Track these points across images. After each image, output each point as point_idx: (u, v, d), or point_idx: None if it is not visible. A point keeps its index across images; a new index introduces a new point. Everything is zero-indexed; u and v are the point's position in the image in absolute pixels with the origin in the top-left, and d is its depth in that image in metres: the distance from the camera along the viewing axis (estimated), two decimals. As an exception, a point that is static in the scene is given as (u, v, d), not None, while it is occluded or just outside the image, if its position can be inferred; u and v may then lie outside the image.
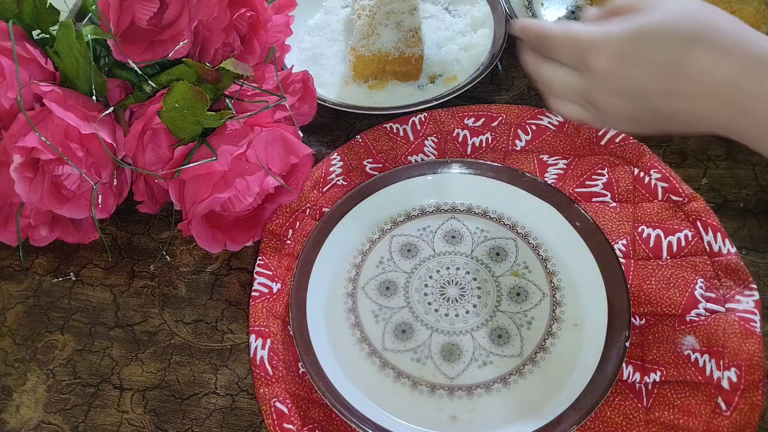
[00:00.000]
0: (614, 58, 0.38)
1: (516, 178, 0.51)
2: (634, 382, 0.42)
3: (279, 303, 0.47)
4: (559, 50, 0.41)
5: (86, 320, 0.49)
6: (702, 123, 0.38)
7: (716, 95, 0.36)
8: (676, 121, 0.39)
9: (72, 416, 0.45)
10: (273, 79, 0.51)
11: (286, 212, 0.51)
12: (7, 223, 0.49)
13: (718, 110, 0.37)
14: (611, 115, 0.41)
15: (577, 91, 0.41)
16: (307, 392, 0.43)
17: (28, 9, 0.47)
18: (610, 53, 0.38)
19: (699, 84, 0.36)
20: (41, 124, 0.44)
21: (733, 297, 0.44)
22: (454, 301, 0.47)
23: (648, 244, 0.47)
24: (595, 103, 0.41)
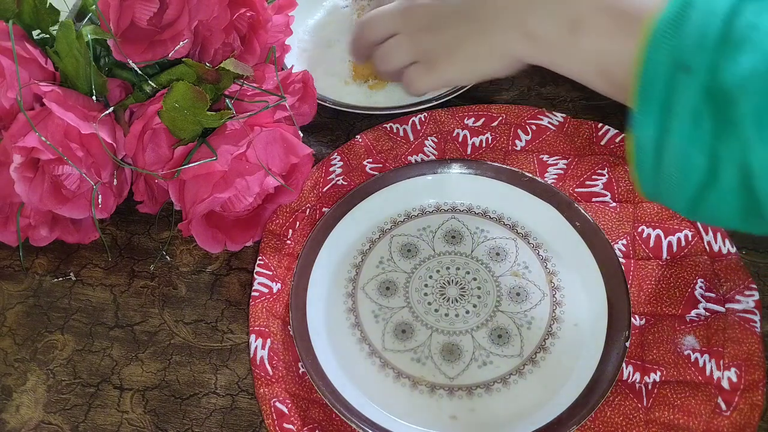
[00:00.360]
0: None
1: (516, 178, 0.51)
2: (634, 382, 0.42)
3: (279, 303, 0.47)
4: (379, 24, 0.50)
5: (86, 320, 0.49)
6: (500, 24, 0.43)
7: None
8: (478, 22, 0.44)
9: (72, 416, 0.45)
10: (273, 79, 0.51)
11: (286, 212, 0.51)
12: (7, 223, 0.49)
13: (511, 3, 0.42)
14: (430, 44, 0.47)
15: (403, 45, 0.49)
16: (307, 392, 0.43)
17: (28, 9, 0.47)
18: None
19: None
20: (41, 124, 0.44)
21: (733, 297, 0.44)
22: (454, 301, 0.47)
23: (648, 244, 0.47)
24: (417, 41, 0.48)
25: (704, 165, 0.34)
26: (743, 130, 0.32)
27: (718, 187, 0.34)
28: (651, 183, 0.37)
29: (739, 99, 0.32)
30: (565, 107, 0.57)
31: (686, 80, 0.33)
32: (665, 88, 0.34)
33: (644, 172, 0.37)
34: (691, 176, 0.34)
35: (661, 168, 0.35)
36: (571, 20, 0.39)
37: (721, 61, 0.32)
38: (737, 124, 0.32)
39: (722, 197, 0.34)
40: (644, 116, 0.35)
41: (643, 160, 0.36)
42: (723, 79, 0.32)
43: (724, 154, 0.33)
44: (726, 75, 0.32)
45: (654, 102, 0.34)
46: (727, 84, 0.32)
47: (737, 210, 0.35)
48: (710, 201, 0.35)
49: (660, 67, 0.34)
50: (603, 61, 0.39)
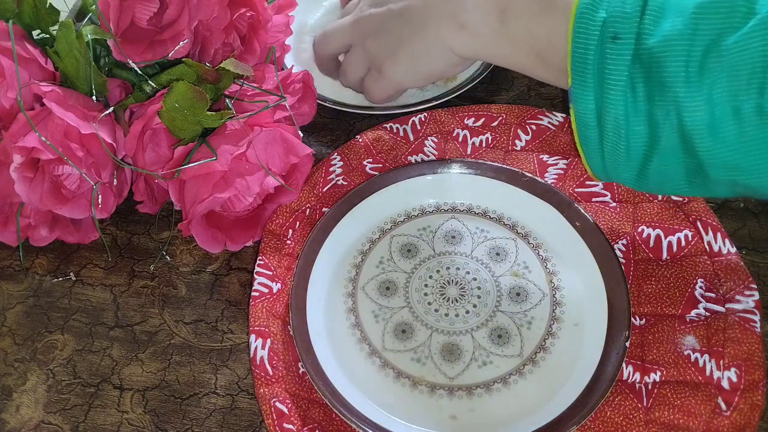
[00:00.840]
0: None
1: (516, 178, 0.51)
2: (634, 382, 0.42)
3: (279, 303, 0.47)
4: (333, 38, 0.53)
5: (86, 320, 0.49)
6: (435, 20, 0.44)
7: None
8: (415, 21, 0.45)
9: (72, 416, 0.45)
10: (273, 79, 0.51)
11: (286, 212, 0.51)
12: (7, 223, 0.49)
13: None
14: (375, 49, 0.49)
15: (356, 55, 0.51)
16: (307, 392, 0.43)
17: (28, 9, 0.47)
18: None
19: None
20: (41, 124, 0.44)
21: (733, 297, 0.44)
22: (454, 301, 0.47)
23: (648, 244, 0.47)
24: (367, 49, 0.49)
25: (645, 131, 0.34)
26: (674, 91, 0.33)
27: (660, 152, 0.35)
28: (598, 159, 0.37)
29: (665, 61, 0.33)
30: (565, 107, 0.57)
31: (615, 49, 0.34)
32: (597, 59, 0.35)
33: (590, 148, 0.37)
34: (634, 144, 0.35)
35: (604, 141, 0.36)
36: (499, 7, 0.40)
37: (645, 26, 0.33)
38: (668, 85, 0.33)
39: (666, 162, 0.35)
40: (581, 90, 0.35)
41: (587, 136, 0.37)
42: (649, 44, 0.33)
43: (661, 117, 0.34)
44: (651, 39, 0.33)
45: (588, 74, 0.35)
46: (654, 48, 0.33)
47: (682, 174, 0.35)
48: (655, 168, 0.36)
49: (590, 39, 0.35)
50: (534, 44, 0.39)
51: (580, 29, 0.35)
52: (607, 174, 0.39)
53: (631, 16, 0.34)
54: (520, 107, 0.55)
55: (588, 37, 0.35)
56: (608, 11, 0.34)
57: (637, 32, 0.34)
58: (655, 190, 0.40)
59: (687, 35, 0.32)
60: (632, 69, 0.34)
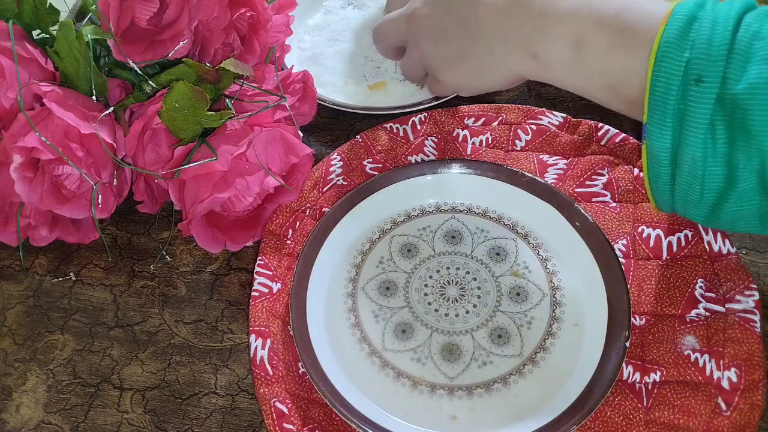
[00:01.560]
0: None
1: (516, 178, 0.51)
2: (634, 382, 0.42)
3: (279, 303, 0.47)
4: (388, 34, 0.52)
5: (86, 320, 0.49)
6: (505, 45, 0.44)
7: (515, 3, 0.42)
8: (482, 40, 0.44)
9: (72, 416, 0.45)
10: (273, 79, 0.51)
11: (286, 212, 0.51)
12: (7, 223, 0.49)
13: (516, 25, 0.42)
14: (432, 57, 0.48)
15: (412, 58, 0.50)
16: (307, 392, 0.43)
17: (28, 9, 0.47)
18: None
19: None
20: (41, 124, 0.44)
21: (733, 297, 0.44)
22: (454, 301, 0.47)
23: (648, 244, 0.47)
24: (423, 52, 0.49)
25: (722, 173, 0.34)
26: (759, 137, 0.33)
27: (736, 193, 0.35)
28: (667, 195, 0.38)
29: (751, 108, 0.32)
30: (565, 107, 0.57)
31: (699, 91, 0.34)
32: (679, 99, 0.34)
33: (660, 184, 0.37)
34: (710, 185, 0.35)
35: (677, 179, 0.36)
36: (574, 40, 0.40)
37: (731, 71, 0.33)
38: (752, 131, 0.33)
39: (741, 203, 0.35)
40: (659, 128, 0.35)
41: (659, 172, 0.37)
42: (734, 90, 0.33)
43: (741, 161, 0.34)
44: (736, 85, 0.33)
45: (668, 114, 0.35)
46: (739, 94, 0.33)
47: (756, 214, 0.35)
48: (729, 208, 0.36)
49: (672, 78, 0.34)
50: (608, 78, 0.39)
51: (662, 66, 0.35)
52: (673, 209, 0.39)
53: (717, 59, 0.33)
54: (520, 107, 0.55)
55: (670, 77, 0.34)
56: (692, 52, 0.34)
57: (722, 76, 0.33)
58: (726, 228, 0.40)
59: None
60: (714, 112, 0.34)
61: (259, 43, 0.52)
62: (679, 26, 0.35)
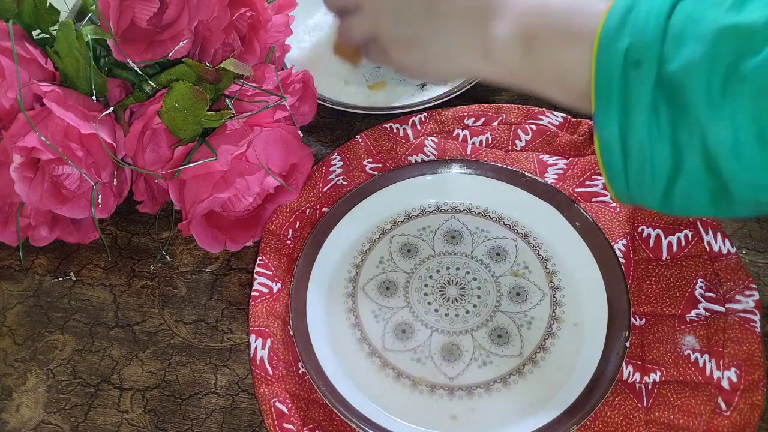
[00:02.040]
0: None
1: (516, 178, 0.51)
2: (634, 382, 0.42)
3: (279, 303, 0.47)
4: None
5: (86, 320, 0.49)
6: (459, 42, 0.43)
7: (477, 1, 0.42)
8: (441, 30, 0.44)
9: (72, 416, 0.45)
10: (273, 79, 0.51)
11: (286, 212, 0.51)
12: (7, 223, 0.49)
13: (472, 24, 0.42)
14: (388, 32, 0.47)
15: (363, 24, 0.48)
16: (307, 392, 0.43)
17: (28, 9, 0.47)
18: None
19: None
20: (41, 124, 0.44)
21: (733, 297, 0.44)
22: (454, 301, 0.47)
23: (648, 244, 0.47)
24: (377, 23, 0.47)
25: (669, 155, 0.35)
26: (697, 114, 0.33)
27: (685, 174, 0.35)
28: (622, 183, 0.38)
29: (687, 85, 0.33)
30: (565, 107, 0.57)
31: (638, 75, 0.34)
32: (621, 85, 0.35)
33: (614, 173, 0.38)
34: (659, 168, 0.35)
35: (629, 165, 0.37)
36: (526, 38, 0.40)
37: (666, 52, 0.34)
38: (690, 109, 0.33)
39: (691, 184, 0.35)
40: (605, 115, 0.36)
41: (611, 161, 0.37)
42: (671, 69, 0.33)
43: (684, 140, 0.34)
44: (673, 64, 0.33)
45: (612, 100, 0.35)
46: (676, 72, 0.33)
47: (707, 195, 0.36)
48: (680, 190, 0.36)
49: (613, 66, 0.35)
50: (558, 73, 0.40)
51: (604, 56, 0.36)
52: (631, 197, 0.39)
53: (653, 42, 0.34)
54: (520, 107, 0.55)
55: (611, 64, 0.35)
56: (631, 38, 0.35)
57: (659, 57, 0.34)
58: (680, 213, 0.40)
59: (707, 60, 0.33)
60: (655, 94, 0.34)
61: (259, 43, 0.52)
62: (617, 17, 0.36)
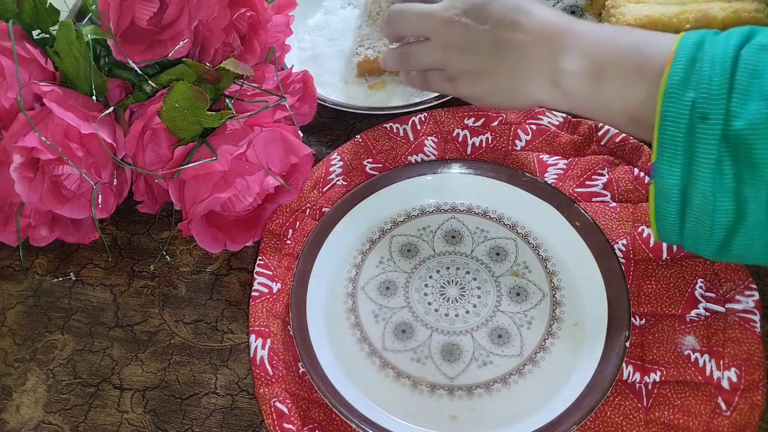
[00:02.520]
0: None
1: (516, 178, 0.51)
2: (634, 382, 0.42)
3: (279, 303, 0.47)
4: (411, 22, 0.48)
5: (86, 320, 0.49)
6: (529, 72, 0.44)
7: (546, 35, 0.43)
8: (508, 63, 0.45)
9: (72, 416, 0.45)
10: (273, 79, 0.51)
11: (286, 212, 0.51)
12: (7, 223, 0.49)
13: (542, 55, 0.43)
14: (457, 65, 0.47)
15: (432, 54, 0.48)
16: (307, 392, 0.43)
17: (28, 9, 0.47)
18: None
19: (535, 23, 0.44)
20: (41, 124, 0.44)
21: (733, 297, 0.44)
22: (454, 301, 0.47)
23: (648, 244, 0.47)
24: (446, 56, 0.47)
25: (731, 208, 0.36)
26: (764, 171, 0.34)
27: (746, 228, 0.36)
28: (675, 231, 0.39)
29: (753, 143, 0.34)
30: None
31: (704, 128, 0.35)
32: (686, 138, 0.36)
33: (667, 220, 0.38)
34: (719, 220, 0.36)
35: (687, 216, 0.37)
36: (596, 71, 0.41)
37: (732, 109, 0.35)
38: (757, 165, 0.34)
39: (751, 237, 0.36)
40: (669, 165, 0.37)
41: (668, 209, 0.38)
42: (738, 125, 0.34)
43: (749, 195, 0.35)
44: (740, 121, 0.34)
45: (677, 151, 0.36)
46: (741, 130, 0.34)
47: (766, 246, 0.37)
48: (739, 242, 0.37)
49: (679, 118, 0.36)
50: (625, 106, 0.41)
51: (670, 108, 0.36)
52: (680, 243, 0.40)
53: (718, 97, 0.35)
54: (520, 107, 0.55)
55: (678, 117, 0.36)
56: (697, 91, 0.36)
57: (725, 113, 0.35)
58: (735, 260, 0.42)
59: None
60: (721, 148, 0.35)
61: (259, 43, 0.52)
62: (681, 68, 0.36)
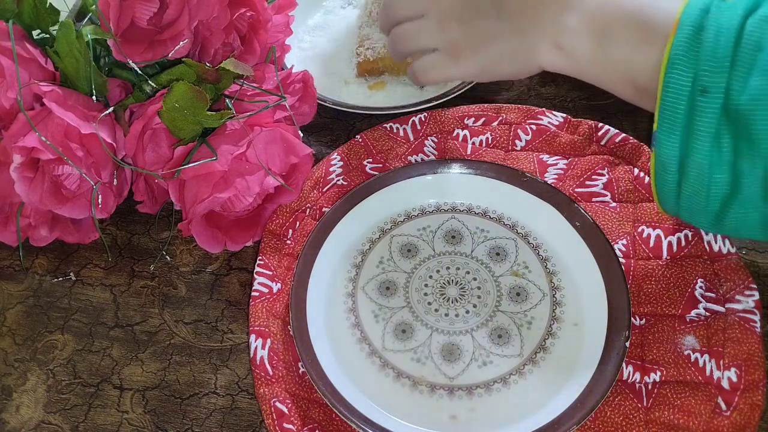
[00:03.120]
0: None
1: (516, 178, 0.51)
2: (634, 382, 0.42)
3: (279, 303, 0.47)
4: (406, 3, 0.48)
5: (86, 320, 0.49)
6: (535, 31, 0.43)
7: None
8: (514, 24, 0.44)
9: (72, 416, 0.45)
10: (273, 79, 0.51)
11: (286, 212, 0.51)
12: (7, 223, 0.49)
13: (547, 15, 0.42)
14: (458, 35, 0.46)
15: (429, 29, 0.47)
16: (307, 392, 0.43)
17: (28, 9, 0.47)
18: None
19: None
20: (41, 124, 0.44)
21: (733, 297, 0.44)
22: (454, 301, 0.47)
23: (648, 244, 0.47)
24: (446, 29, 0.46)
25: (727, 180, 0.36)
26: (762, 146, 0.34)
27: (740, 200, 0.36)
28: (673, 200, 0.39)
29: (753, 118, 0.34)
30: (565, 107, 0.57)
31: (705, 102, 0.35)
32: (686, 109, 0.36)
33: (666, 190, 0.39)
34: (715, 192, 0.36)
35: (684, 186, 0.38)
36: (599, 32, 0.41)
37: (734, 83, 0.34)
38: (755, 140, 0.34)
39: (744, 210, 0.36)
40: (667, 136, 0.37)
41: (666, 178, 0.38)
42: (737, 101, 0.34)
43: (745, 169, 0.35)
44: (739, 96, 0.34)
45: (677, 122, 0.36)
46: (741, 105, 0.34)
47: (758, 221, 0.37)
48: (733, 214, 0.37)
49: (680, 89, 0.36)
50: (629, 70, 0.40)
51: (672, 79, 0.36)
52: (678, 214, 0.40)
53: (721, 71, 0.35)
54: (520, 107, 0.55)
55: (679, 88, 0.36)
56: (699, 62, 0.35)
57: (726, 87, 0.35)
58: (729, 234, 0.42)
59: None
60: (720, 122, 0.35)
61: (259, 43, 0.52)
62: (686, 37, 0.36)
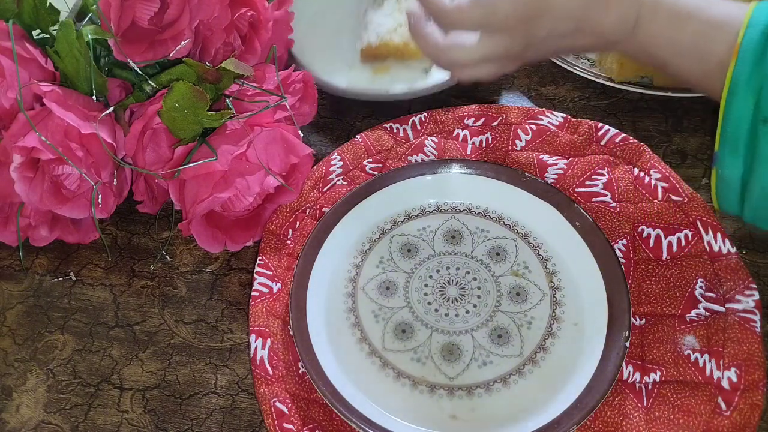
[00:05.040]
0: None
1: (516, 178, 0.51)
2: (634, 382, 0.42)
3: (279, 303, 0.47)
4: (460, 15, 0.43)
5: (86, 320, 0.49)
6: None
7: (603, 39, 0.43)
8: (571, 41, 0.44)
9: (72, 416, 0.45)
10: (273, 79, 0.51)
11: (286, 212, 0.51)
12: (7, 223, 0.49)
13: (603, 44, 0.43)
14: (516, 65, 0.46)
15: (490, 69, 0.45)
16: (307, 392, 0.43)
17: (28, 9, 0.47)
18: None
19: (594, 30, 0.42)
20: (41, 124, 0.44)
21: (733, 297, 0.44)
22: (454, 301, 0.47)
23: (648, 244, 0.47)
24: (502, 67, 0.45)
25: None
26: None
27: None
28: (735, 208, 0.41)
29: None
30: (565, 107, 0.57)
31: (766, 132, 0.37)
32: (748, 136, 0.38)
33: (728, 204, 0.41)
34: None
35: (747, 202, 0.40)
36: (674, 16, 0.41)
37: None
38: None
39: None
40: (730, 158, 0.39)
41: (728, 195, 0.40)
42: None
43: None
44: None
45: (739, 147, 0.38)
46: None
47: None
48: None
49: (742, 117, 0.37)
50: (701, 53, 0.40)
51: (734, 106, 0.38)
52: (742, 218, 0.42)
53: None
54: (520, 107, 0.55)
55: (741, 117, 0.37)
56: (761, 93, 0.37)
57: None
58: None
59: None
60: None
61: (260, 42, 0.52)
62: (748, 62, 0.37)
